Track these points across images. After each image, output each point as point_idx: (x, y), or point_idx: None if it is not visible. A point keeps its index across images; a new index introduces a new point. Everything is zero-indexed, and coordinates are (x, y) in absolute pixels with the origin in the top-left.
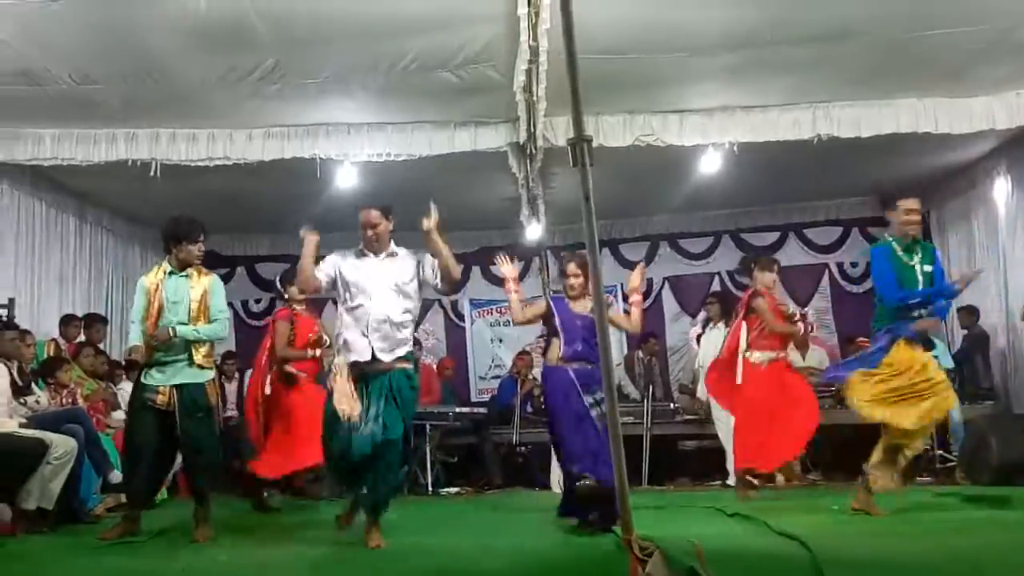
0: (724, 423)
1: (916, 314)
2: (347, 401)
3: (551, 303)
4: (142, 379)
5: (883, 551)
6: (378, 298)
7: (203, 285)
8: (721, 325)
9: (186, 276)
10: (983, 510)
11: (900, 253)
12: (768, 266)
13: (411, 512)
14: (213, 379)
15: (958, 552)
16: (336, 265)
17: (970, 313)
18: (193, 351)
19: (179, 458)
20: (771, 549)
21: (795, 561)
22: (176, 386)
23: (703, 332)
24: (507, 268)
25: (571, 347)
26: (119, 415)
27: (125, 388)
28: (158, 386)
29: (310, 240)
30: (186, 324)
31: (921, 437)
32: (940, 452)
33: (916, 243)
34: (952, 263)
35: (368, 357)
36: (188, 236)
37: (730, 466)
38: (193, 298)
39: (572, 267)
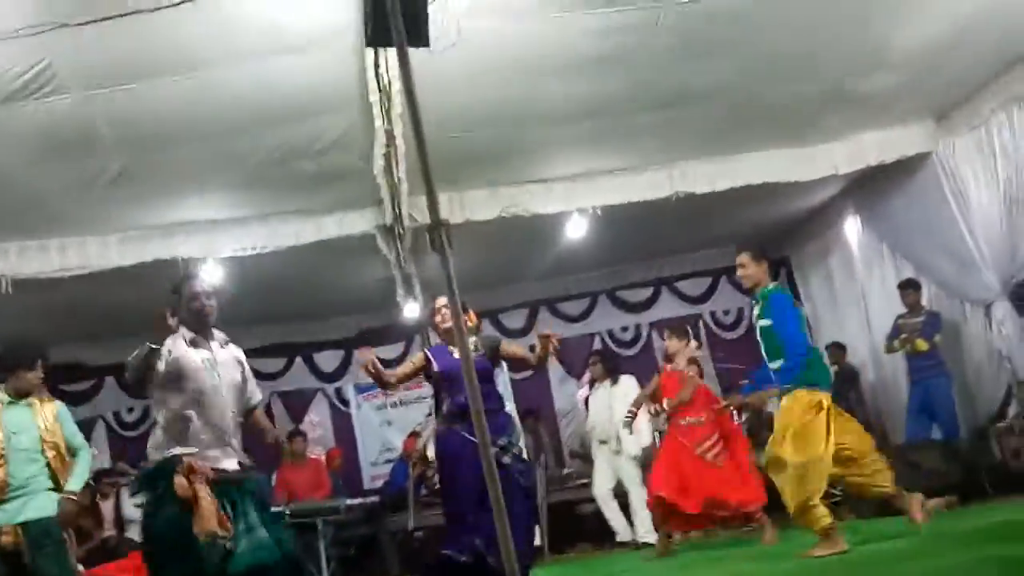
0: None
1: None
2: (214, 518)
3: (427, 352)
4: None
5: None
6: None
7: (49, 412)
8: (607, 383)
9: (27, 405)
10: (859, 545)
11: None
12: (671, 333)
13: None
14: (63, 505)
15: None
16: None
17: (838, 349)
18: (48, 478)
19: None
20: None
21: None
22: (22, 524)
23: (590, 393)
24: (365, 355)
25: (459, 398)
26: None
27: None
28: (2, 526)
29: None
30: (37, 458)
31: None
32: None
33: (754, 295)
34: (816, 303)
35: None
36: (22, 364)
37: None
38: (40, 426)
39: (441, 300)
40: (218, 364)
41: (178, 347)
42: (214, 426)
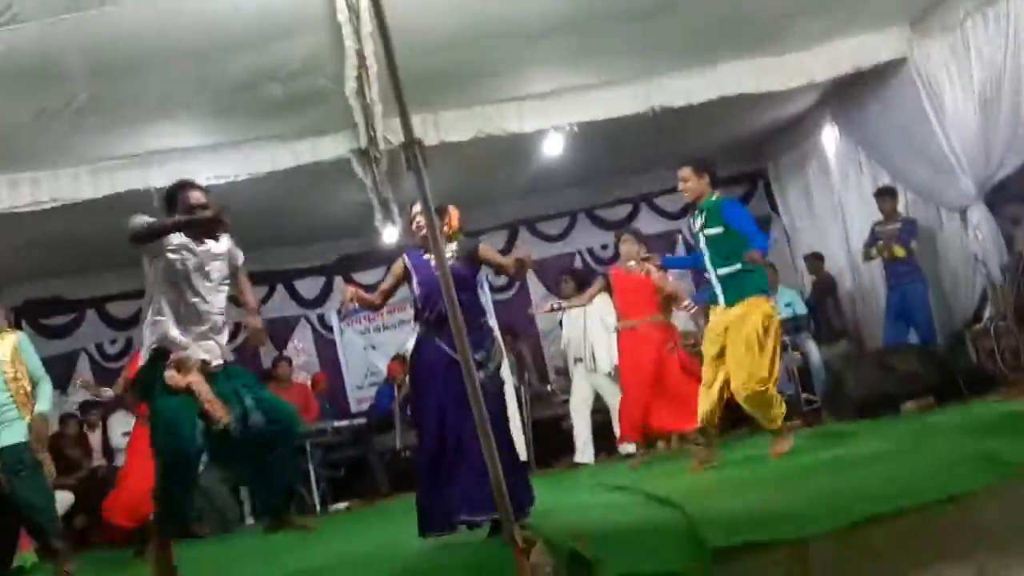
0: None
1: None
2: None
3: (406, 258)
4: None
5: (753, 503)
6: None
7: (9, 344)
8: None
9: None
10: (842, 447)
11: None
12: (624, 238)
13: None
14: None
15: (817, 492)
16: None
17: (816, 259)
18: (14, 408)
19: None
20: (649, 517)
21: (672, 526)
22: None
23: (562, 310)
24: (346, 293)
25: (435, 307)
26: None
27: None
28: None
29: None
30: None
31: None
32: (805, 395)
33: (696, 207)
34: (794, 214)
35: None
36: None
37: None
38: (2, 359)
39: (417, 207)
40: (209, 263)
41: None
42: (201, 322)
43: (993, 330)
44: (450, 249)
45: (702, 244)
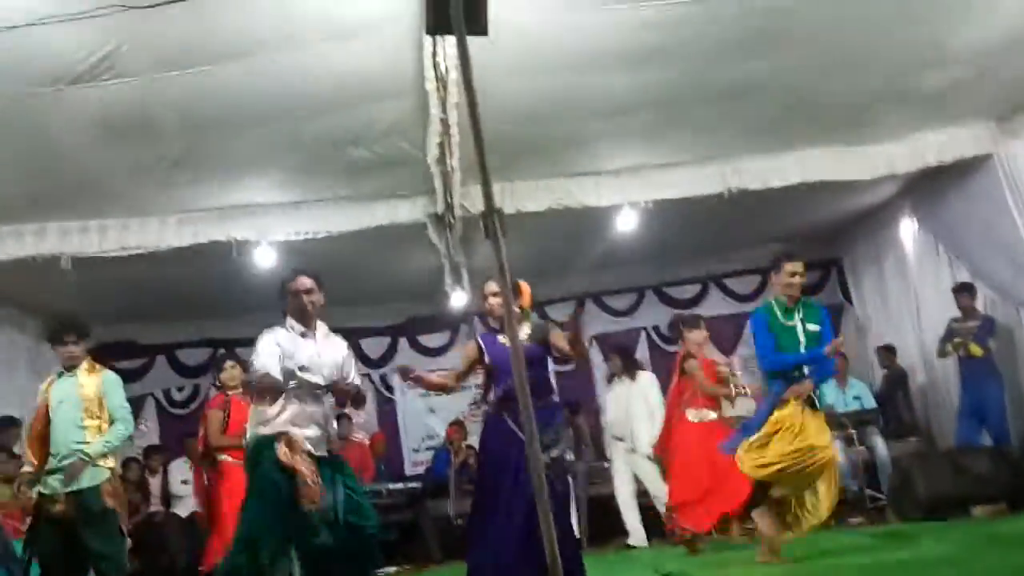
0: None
1: (796, 375)
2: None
3: (479, 340)
4: (41, 489)
5: None
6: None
7: (94, 383)
8: (626, 379)
9: (72, 376)
10: (907, 550)
11: (780, 315)
12: (695, 324)
13: None
14: (110, 478)
15: None
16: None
17: (888, 352)
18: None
19: None
20: None
21: None
22: (73, 493)
23: (608, 389)
24: (406, 373)
25: (508, 384)
26: None
27: None
28: (55, 494)
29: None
30: (80, 426)
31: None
32: (869, 492)
33: (798, 304)
34: (867, 305)
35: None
36: (53, 340)
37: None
38: (85, 396)
39: (491, 286)
40: (320, 358)
41: (285, 342)
42: (312, 412)
43: None
44: (523, 331)
45: (802, 339)
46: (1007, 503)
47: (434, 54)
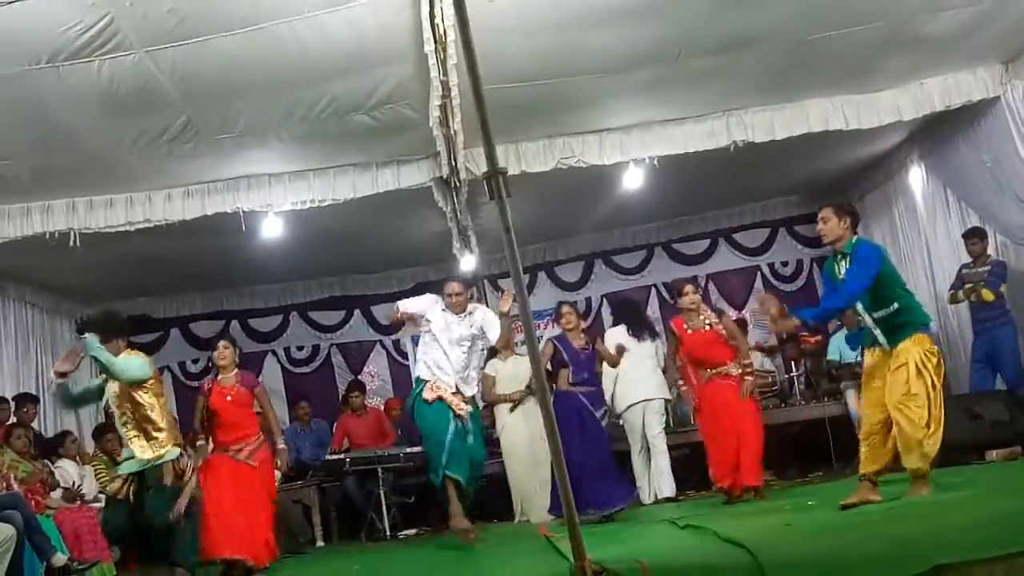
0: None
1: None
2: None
3: (555, 343)
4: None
5: (825, 548)
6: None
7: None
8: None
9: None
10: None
11: (835, 264)
12: (680, 290)
13: (373, 560)
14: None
15: (896, 540)
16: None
17: None
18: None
19: None
20: (717, 559)
21: (740, 569)
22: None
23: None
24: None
25: (579, 375)
26: (58, 495)
27: (63, 466)
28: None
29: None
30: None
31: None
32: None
33: (845, 249)
34: None
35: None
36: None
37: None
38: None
39: (566, 308)
40: (456, 329)
41: (435, 315)
42: (450, 365)
43: None
44: (580, 339)
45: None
46: (1022, 447)
47: (432, 15)
